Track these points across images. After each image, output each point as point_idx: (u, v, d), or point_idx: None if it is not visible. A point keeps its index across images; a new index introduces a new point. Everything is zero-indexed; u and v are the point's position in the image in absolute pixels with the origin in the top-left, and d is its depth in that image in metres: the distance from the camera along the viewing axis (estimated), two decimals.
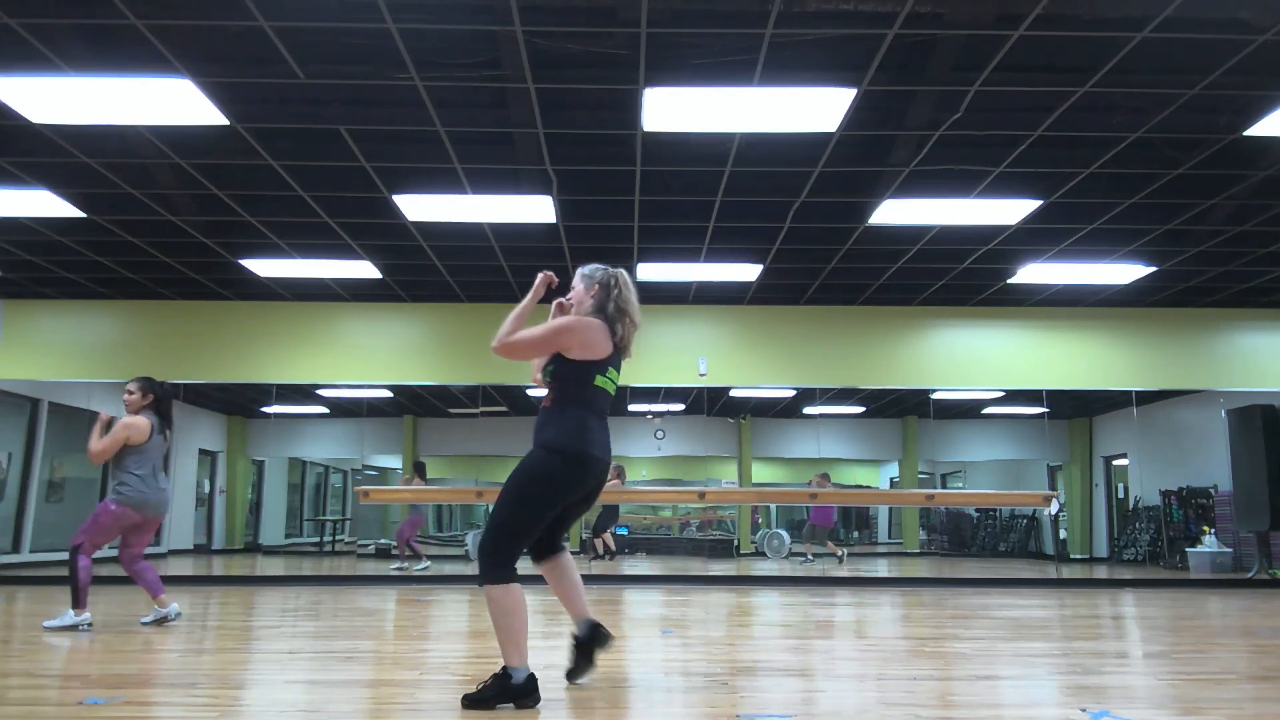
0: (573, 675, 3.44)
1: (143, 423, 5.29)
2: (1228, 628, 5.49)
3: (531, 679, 3.05)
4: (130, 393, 5.38)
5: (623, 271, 3.51)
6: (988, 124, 5.23)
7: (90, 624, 5.10)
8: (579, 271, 3.52)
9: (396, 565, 10.25)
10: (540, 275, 3.52)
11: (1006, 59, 4.52)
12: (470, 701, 3.02)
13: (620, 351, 3.42)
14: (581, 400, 3.26)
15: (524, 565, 3.17)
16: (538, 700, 3.05)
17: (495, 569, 3.08)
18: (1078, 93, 4.85)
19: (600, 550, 11.39)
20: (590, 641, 3.41)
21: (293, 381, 9.39)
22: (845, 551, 12.20)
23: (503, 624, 3.06)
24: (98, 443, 5.21)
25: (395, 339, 9.29)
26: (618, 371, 3.41)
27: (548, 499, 3.17)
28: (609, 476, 3.45)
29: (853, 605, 6.83)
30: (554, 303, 3.57)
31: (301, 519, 15.73)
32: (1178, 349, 9.30)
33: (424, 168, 5.94)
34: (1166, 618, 6.07)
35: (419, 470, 10.94)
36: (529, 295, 3.44)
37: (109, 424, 5.34)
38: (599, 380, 3.30)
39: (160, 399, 5.43)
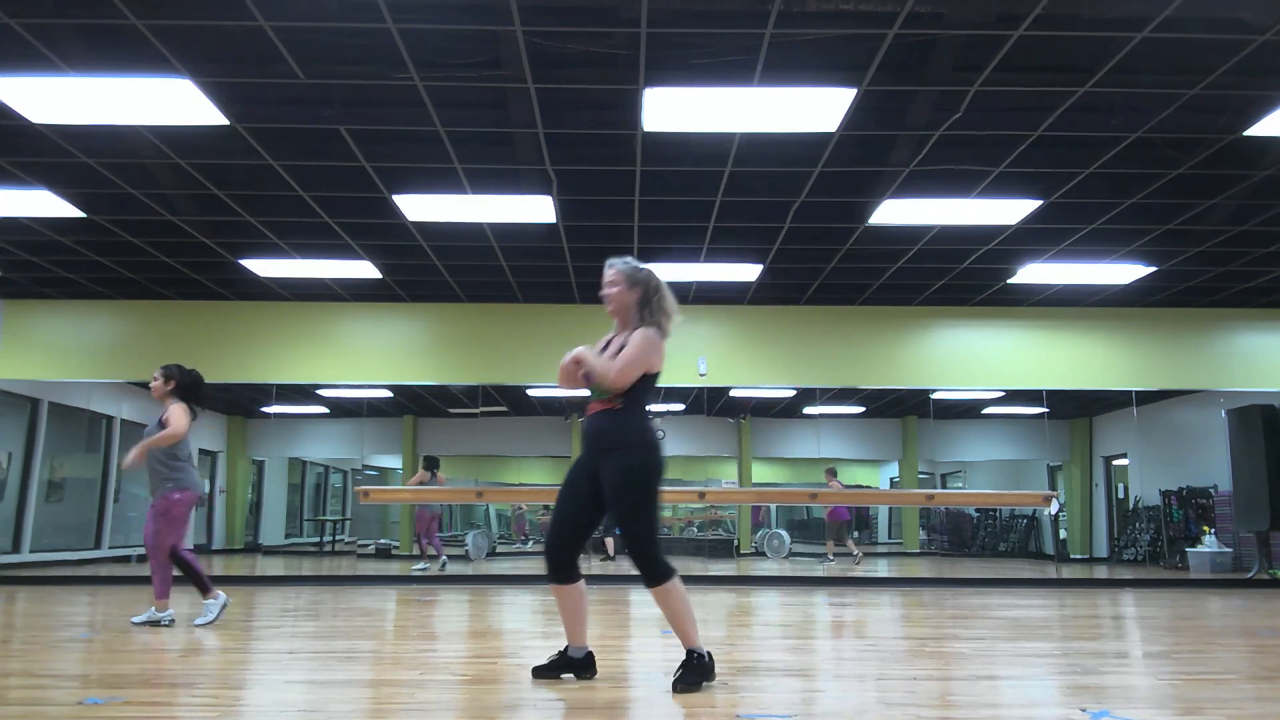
0: (542, 673, 3.50)
1: (182, 409, 5.39)
2: (1228, 628, 5.48)
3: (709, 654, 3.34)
4: (155, 379, 5.49)
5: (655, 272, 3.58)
6: (988, 124, 5.23)
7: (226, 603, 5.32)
8: (616, 267, 3.55)
9: (420, 566, 10.19)
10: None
11: (1006, 59, 4.52)
12: (684, 687, 3.22)
13: None
14: (645, 402, 3.51)
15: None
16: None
17: (659, 570, 3.31)
18: (1078, 93, 4.85)
19: (612, 551, 11.42)
20: (582, 667, 3.50)
21: (293, 381, 9.39)
22: (860, 551, 12.22)
23: (681, 613, 3.31)
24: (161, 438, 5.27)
25: (395, 339, 9.29)
26: None
27: (659, 491, 3.40)
28: None
29: (853, 605, 6.83)
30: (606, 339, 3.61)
31: (301, 519, 15.74)
32: (1178, 349, 9.30)
33: (424, 168, 5.94)
34: (1166, 618, 6.07)
35: (430, 466, 10.67)
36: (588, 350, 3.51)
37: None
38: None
39: (184, 385, 5.50)
